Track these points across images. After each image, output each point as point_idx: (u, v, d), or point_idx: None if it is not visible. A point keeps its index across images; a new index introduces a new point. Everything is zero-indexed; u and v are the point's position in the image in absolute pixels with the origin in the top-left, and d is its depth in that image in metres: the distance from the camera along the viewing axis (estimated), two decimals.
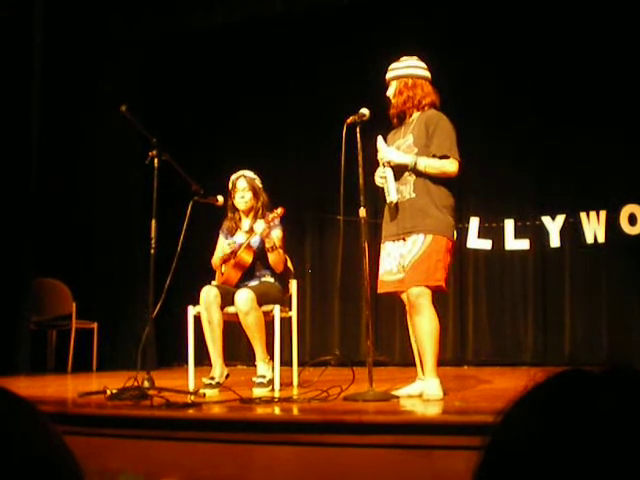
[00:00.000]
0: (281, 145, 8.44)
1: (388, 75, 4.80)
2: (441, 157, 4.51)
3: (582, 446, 0.72)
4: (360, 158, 4.51)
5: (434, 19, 7.76)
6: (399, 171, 4.56)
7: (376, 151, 4.66)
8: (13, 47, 7.33)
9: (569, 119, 7.49)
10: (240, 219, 5.72)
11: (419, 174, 4.51)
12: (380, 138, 4.68)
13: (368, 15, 7.88)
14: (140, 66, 8.54)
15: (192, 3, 7.76)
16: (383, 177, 4.59)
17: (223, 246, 5.66)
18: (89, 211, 8.05)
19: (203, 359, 5.65)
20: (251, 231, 5.48)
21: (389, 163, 4.57)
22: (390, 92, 4.77)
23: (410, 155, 4.53)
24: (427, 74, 4.76)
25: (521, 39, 7.63)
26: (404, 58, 4.79)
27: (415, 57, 4.79)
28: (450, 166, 4.52)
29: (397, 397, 4.43)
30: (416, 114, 4.69)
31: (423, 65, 4.77)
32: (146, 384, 4.66)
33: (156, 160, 5.06)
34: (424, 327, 4.43)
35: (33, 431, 0.84)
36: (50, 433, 0.87)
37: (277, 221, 5.45)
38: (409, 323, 4.69)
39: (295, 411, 4.09)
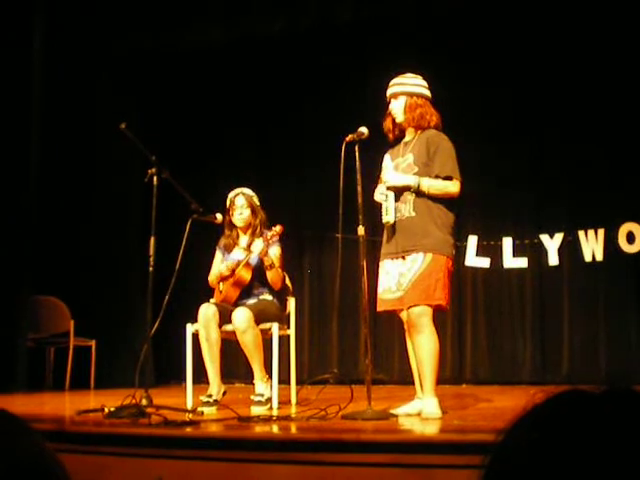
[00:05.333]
0: (279, 162, 8.46)
1: (396, 89, 4.74)
2: (444, 178, 4.52)
3: (582, 466, 0.72)
4: (359, 176, 4.51)
5: (432, 38, 7.80)
6: (399, 190, 4.56)
7: (377, 168, 4.66)
8: (13, 63, 7.35)
9: (567, 137, 7.53)
10: (238, 236, 5.72)
11: (421, 194, 4.51)
12: (387, 157, 4.68)
13: (366, 33, 7.91)
14: (138, 83, 8.56)
15: (190, 21, 7.78)
16: (384, 194, 4.60)
17: (219, 265, 5.66)
18: (88, 229, 8.05)
19: (201, 377, 5.64)
20: (249, 248, 5.49)
21: (393, 188, 4.56)
22: (397, 106, 4.72)
23: (413, 176, 4.53)
24: (430, 95, 4.77)
25: (518, 57, 7.67)
26: (410, 75, 4.77)
27: (420, 76, 4.79)
28: (453, 187, 4.52)
29: (396, 416, 4.42)
30: (417, 133, 4.69)
31: (427, 85, 4.78)
32: (144, 402, 4.64)
33: (155, 178, 5.06)
34: (425, 346, 4.42)
35: (23, 446, 0.84)
36: (41, 449, 0.87)
37: (275, 239, 5.45)
38: (408, 341, 4.69)
39: (293, 429, 4.07)
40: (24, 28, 7.42)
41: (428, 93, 4.75)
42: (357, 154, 4.52)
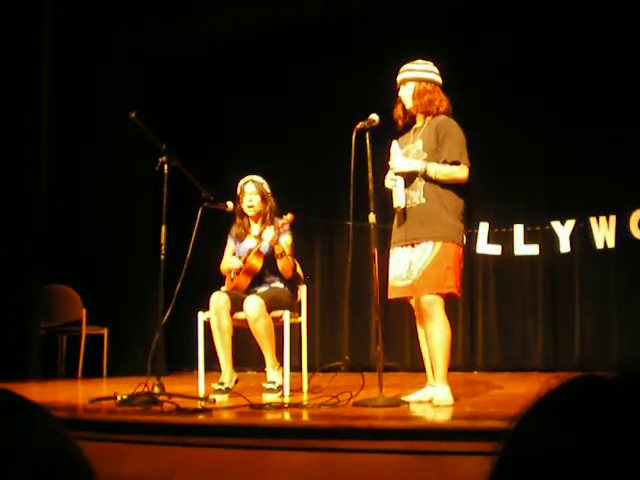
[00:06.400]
0: (290, 150, 8.44)
1: (406, 75, 4.73)
2: (452, 163, 4.51)
3: (597, 452, 0.72)
4: (370, 164, 4.50)
5: (438, 27, 7.77)
6: (409, 176, 4.55)
7: (388, 155, 4.66)
8: (23, 58, 7.37)
9: (578, 123, 7.48)
10: (249, 224, 5.72)
11: (429, 180, 4.50)
12: (395, 144, 4.67)
13: (376, 21, 7.89)
14: (145, 73, 8.56)
15: (196, 11, 7.78)
16: (393, 180, 4.59)
17: (231, 254, 5.66)
18: (99, 217, 8.07)
19: (213, 364, 5.65)
20: (260, 237, 5.49)
21: (401, 173, 4.55)
22: (407, 92, 4.71)
23: (420, 161, 4.52)
24: (440, 81, 4.75)
25: (529, 40, 7.62)
26: (420, 61, 4.75)
27: (430, 62, 4.77)
28: (461, 172, 4.51)
29: (407, 403, 4.43)
30: (427, 119, 4.68)
31: (437, 71, 4.76)
32: (156, 390, 4.67)
33: (166, 166, 5.07)
34: (436, 335, 4.42)
35: (47, 436, 0.85)
36: (63, 437, 0.87)
37: (286, 227, 5.45)
38: (418, 328, 4.69)
39: (305, 417, 4.09)
40: (32, 25, 7.43)
41: (438, 79, 4.73)
42: (368, 141, 4.52)
